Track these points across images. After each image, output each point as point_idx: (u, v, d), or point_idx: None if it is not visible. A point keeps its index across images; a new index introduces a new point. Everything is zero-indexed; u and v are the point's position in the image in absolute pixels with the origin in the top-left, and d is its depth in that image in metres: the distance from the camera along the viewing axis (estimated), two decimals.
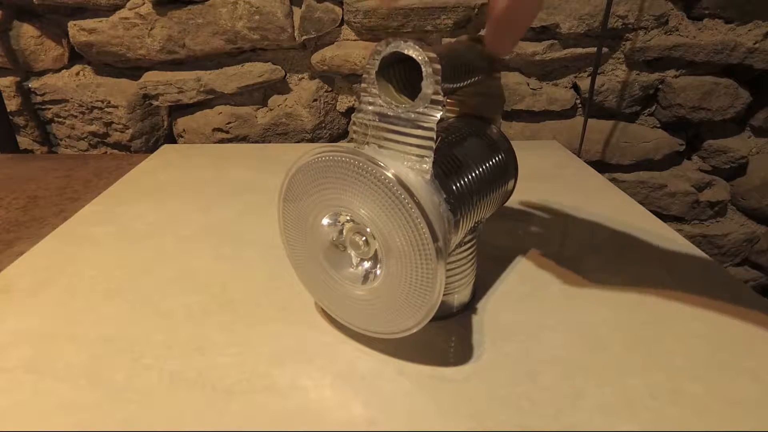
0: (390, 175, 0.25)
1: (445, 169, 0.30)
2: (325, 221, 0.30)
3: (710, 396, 0.29)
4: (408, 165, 0.27)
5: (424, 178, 0.27)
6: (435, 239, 0.25)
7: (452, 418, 0.27)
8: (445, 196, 0.28)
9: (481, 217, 0.33)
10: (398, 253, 0.27)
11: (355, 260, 0.30)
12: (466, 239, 0.32)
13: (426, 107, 0.26)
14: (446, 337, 0.33)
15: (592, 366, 0.31)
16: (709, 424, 0.27)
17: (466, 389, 0.29)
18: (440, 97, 0.26)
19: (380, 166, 0.26)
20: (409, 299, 0.28)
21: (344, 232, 0.30)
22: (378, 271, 0.29)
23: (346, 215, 0.29)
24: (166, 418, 0.27)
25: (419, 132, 0.27)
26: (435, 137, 0.26)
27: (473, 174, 0.32)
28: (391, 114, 0.28)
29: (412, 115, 0.27)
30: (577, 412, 0.27)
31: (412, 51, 0.26)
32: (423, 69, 0.26)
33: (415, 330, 0.28)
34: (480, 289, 0.38)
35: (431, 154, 0.27)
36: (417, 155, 0.27)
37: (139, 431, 0.26)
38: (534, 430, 0.26)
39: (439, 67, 0.26)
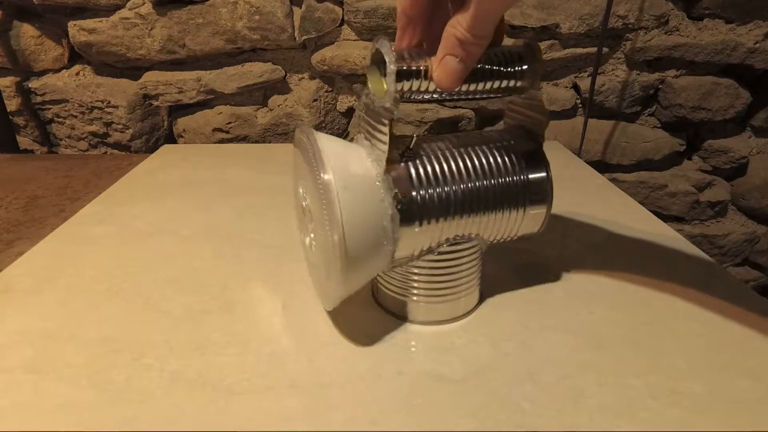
0: (319, 148, 0.28)
1: (422, 179, 0.31)
2: (301, 191, 0.34)
3: (710, 396, 0.29)
4: (373, 157, 0.30)
5: (376, 170, 0.29)
6: (341, 216, 0.27)
7: (452, 418, 0.27)
8: (400, 196, 0.29)
9: (471, 233, 0.32)
10: (319, 222, 0.30)
11: (309, 228, 0.34)
12: (463, 247, 0.32)
13: (390, 103, 0.28)
14: (446, 337, 0.33)
15: (592, 366, 0.31)
16: (709, 424, 0.27)
17: (466, 389, 0.29)
18: (397, 95, 0.28)
19: (315, 142, 0.28)
20: (330, 266, 0.30)
21: (304, 204, 0.34)
22: (312, 235, 0.33)
23: (301, 189, 0.34)
24: (166, 418, 0.27)
25: (382, 127, 0.29)
26: (388, 133, 0.28)
27: (456, 188, 0.31)
28: (372, 107, 0.29)
29: (378, 110, 0.29)
30: (577, 412, 0.27)
31: (384, 48, 0.28)
32: (387, 66, 0.27)
33: (337, 298, 0.30)
34: (481, 289, 0.38)
35: (385, 149, 0.29)
36: (382, 150, 0.29)
37: (139, 431, 0.26)
38: (534, 430, 0.26)
39: (403, 66, 0.28)
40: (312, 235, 0.33)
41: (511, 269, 0.41)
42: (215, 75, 0.75)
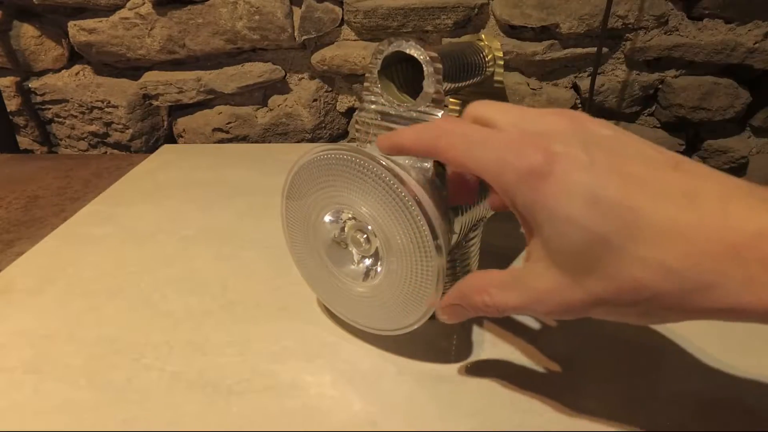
0: (390, 173, 0.26)
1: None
2: (327, 219, 0.30)
3: (710, 396, 0.29)
4: (409, 163, 0.27)
5: (425, 176, 0.27)
6: (435, 237, 0.25)
7: (452, 418, 0.27)
8: (445, 193, 0.28)
9: (483, 216, 0.33)
10: (398, 251, 0.27)
11: (356, 257, 0.31)
12: (469, 237, 0.32)
13: (427, 106, 0.27)
14: (447, 337, 0.33)
15: (592, 366, 0.31)
16: (710, 424, 0.27)
17: (466, 389, 0.29)
18: (441, 96, 0.26)
19: (381, 164, 0.26)
20: (410, 296, 0.28)
21: (346, 229, 0.30)
22: (379, 269, 0.29)
23: (348, 213, 0.29)
24: (166, 418, 0.27)
25: None
26: None
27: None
28: (393, 113, 0.28)
29: (414, 114, 0.27)
30: (577, 412, 0.27)
31: (414, 50, 0.26)
32: (424, 68, 0.26)
33: (415, 327, 0.28)
34: None
35: None
36: None
37: (139, 431, 0.26)
38: (534, 430, 0.26)
39: (440, 66, 0.26)
40: (376, 266, 0.30)
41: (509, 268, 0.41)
42: (215, 75, 0.75)
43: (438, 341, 0.33)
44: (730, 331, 0.34)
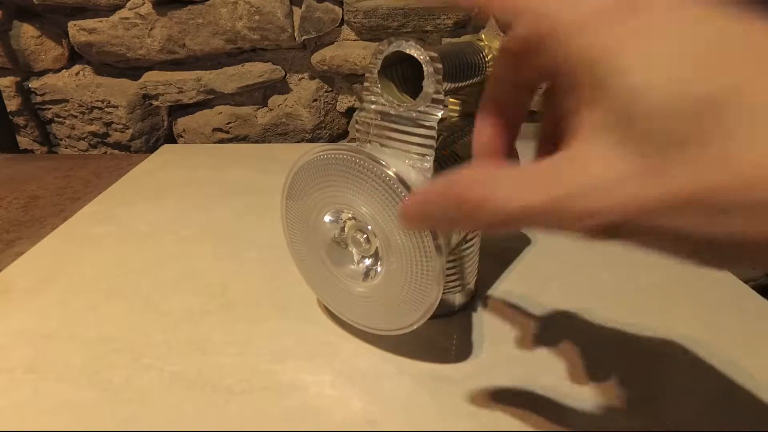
0: (391, 173, 0.26)
1: (447, 167, 0.30)
2: (327, 219, 0.30)
3: (710, 396, 0.29)
4: (409, 163, 0.27)
5: (425, 176, 0.27)
6: (435, 237, 0.25)
7: (452, 418, 0.27)
8: None
9: None
10: (399, 251, 0.27)
11: (356, 257, 0.31)
12: (468, 237, 0.32)
13: (427, 106, 0.27)
14: (447, 337, 0.33)
15: (592, 366, 0.31)
16: (709, 424, 0.27)
17: (466, 389, 0.29)
18: (441, 96, 0.26)
19: (381, 164, 0.26)
20: (410, 296, 0.28)
21: (346, 229, 0.30)
22: (379, 269, 0.29)
23: (348, 213, 0.29)
24: (166, 418, 0.27)
25: (420, 131, 0.27)
26: (436, 136, 0.26)
27: None
28: (393, 113, 0.28)
29: (414, 114, 0.27)
30: (577, 412, 0.27)
31: (414, 50, 0.26)
32: (424, 68, 0.26)
33: (414, 327, 0.28)
34: (480, 288, 0.38)
35: (432, 152, 0.27)
36: (418, 153, 0.27)
37: (139, 431, 0.26)
38: (534, 430, 0.26)
39: (440, 66, 0.26)
40: (376, 266, 0.30)
41: (511, 269, 0.41)
42: (215, 75, 0.75)
43: (438, 341, 0.33)
44: (731, 331, 0.34)
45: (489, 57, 0.34)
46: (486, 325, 0.34)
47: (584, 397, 0.28)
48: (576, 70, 0.15)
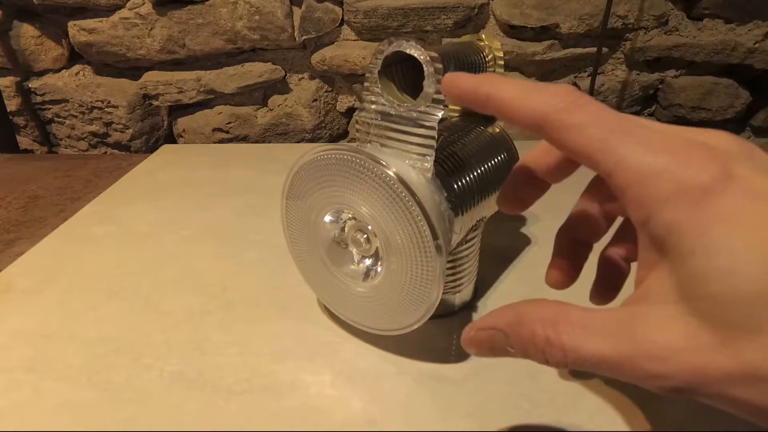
0: (391, 173, 0.26)
1: (447, 167, 0.30)
2: (327, 219, 0.30)
3: None
4: (410, 163, 0.27)
5: (426, 177, 0.27)
6: (435, 237, 0.25)
7: (452, 418, 0.27)
8: (446, 194, 0.28)
9: (483, 216, 0.33)
10: (399, 251, 0.27)
11: (356, 257, 0.31)
12: (468, 237, 0.32)
13: (428, 106, 0.27)
14: (447, 337, 0.33)
15: None
16: (709, 424, 0.27)
17: (466, 389, 0.29)
18: (441, 96, 0.26)
19: (382, 164, 0.26)
20: (410, 296, 0.28)
21: (346, 229, 0.30)
22: (379, 269, 0.29)
23: (348, 213, 0.29)
24: (166, 418, 0.27)
25: (421, 131, 0.27)
26: (436, 136, 0.26)
27: (475, 172, 0.32)
28: (393, 113, 0.28)
29: (414, 114, 0.27)
30: (577, 412, 0.27)
31: (414, 51, 0.26)
32: (425, 68, 0.26)
33: (415, 327, 0.28)
34: (480, 288, 0.38)
35: (432, 152, 0.27)
36: (419, 154, 0.27)
37: (139, 431, 0.26)
38: (534, 430, 0.26)
39: (440, 66, 0.26)
40: (376, 266, 0.30)
41: (511, 269, 0.41)
42: (215, 75, 0.75)
43: (438, 341, 0.33)
44: None
45: (489, 57, 0.34)
46: None
47: (584, 396, 0.28)
48: (665, 240, 0.16)
